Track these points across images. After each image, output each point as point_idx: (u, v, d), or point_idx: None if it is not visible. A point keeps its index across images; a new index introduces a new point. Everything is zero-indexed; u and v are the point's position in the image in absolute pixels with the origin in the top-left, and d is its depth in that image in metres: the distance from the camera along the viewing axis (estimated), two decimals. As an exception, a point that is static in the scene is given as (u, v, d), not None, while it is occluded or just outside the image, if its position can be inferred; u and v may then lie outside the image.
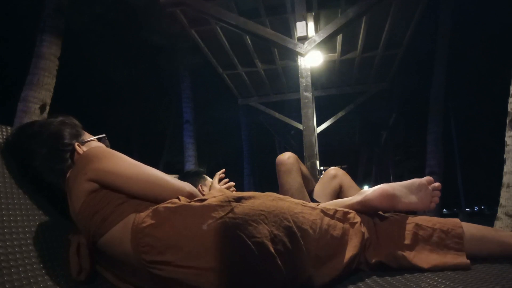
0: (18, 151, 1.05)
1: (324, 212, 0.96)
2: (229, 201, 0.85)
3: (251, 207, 0.85)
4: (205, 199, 0.87)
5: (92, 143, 1.14)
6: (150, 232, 0.82)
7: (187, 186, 0.98)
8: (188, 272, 0.79)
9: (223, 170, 1.87)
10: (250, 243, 0.79)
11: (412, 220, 0.97)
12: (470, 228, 0.95)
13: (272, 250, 0.81)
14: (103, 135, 1.22)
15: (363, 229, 0.96)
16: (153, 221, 0.83)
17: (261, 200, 0.88)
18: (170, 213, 0.84)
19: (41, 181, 1.03)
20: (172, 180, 0.97)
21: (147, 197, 0.94)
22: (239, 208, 0.84)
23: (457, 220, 0.97)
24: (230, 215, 0.82)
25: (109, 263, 0.90)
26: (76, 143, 1.08)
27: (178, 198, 0.91)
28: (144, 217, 0.85)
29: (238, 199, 0.86)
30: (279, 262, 0.81)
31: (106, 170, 0.93)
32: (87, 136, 1.15)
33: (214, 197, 0.87)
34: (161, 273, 0.80)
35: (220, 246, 0.79)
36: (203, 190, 1.95)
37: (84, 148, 1.09)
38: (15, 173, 1.03)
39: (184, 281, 0.79)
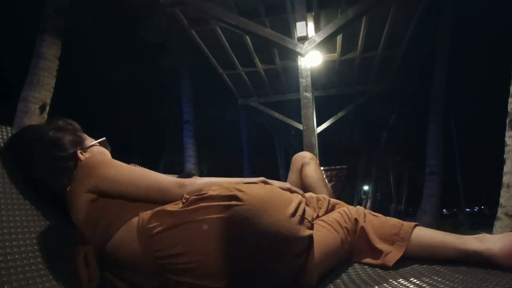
0: (17, 158, 1.04)
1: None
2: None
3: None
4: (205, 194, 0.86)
5: (94, 148, 1.15)
6: (157, 232, 0.83)
7: (177, 188, 0.96)
8: (195, 267, 0.80)
9: None
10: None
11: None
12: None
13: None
14: (103, 138, 1.22)
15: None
16: (157, 223, 0.84)
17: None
18: (170, 216, 0.85)
19: (42, 188, 1.04)
20: (163, 181, 0.98)
21: (145, 200, 0.96)
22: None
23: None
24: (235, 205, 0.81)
25: (117, 267, 0.91)
26: (79, 151, 1.08)
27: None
28: (148, 218, 0.86)
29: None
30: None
31: (104, 178, 0.96)
32: (89, 141, 1.16)
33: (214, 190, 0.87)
34: (173, 267, 0.81)
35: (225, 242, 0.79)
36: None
37: (87, 155, 1.10)
38: (15, 174, 1.03)
39: (193, 277, 0.80)
